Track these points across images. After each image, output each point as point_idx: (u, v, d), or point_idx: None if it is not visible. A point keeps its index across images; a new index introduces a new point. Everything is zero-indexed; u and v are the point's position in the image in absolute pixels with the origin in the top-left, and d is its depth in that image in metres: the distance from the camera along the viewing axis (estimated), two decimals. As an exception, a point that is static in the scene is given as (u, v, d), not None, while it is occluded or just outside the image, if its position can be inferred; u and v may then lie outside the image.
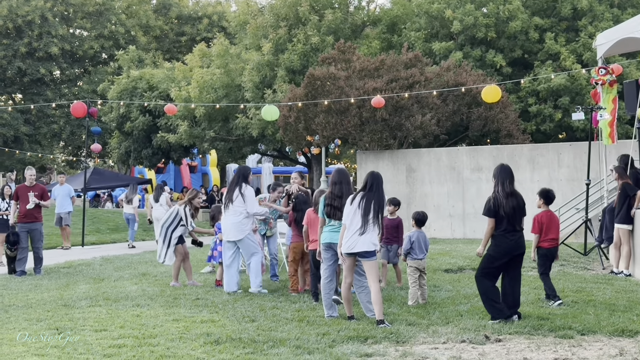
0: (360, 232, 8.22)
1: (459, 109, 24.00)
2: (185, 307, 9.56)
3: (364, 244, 8.19)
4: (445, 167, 22.31)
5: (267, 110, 19.93)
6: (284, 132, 24.40)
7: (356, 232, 8.24)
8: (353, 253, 8.29)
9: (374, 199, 8.26)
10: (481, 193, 21.40)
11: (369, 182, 8.40)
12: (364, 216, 8.21)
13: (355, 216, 8.27)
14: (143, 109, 31.93)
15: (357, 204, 8.29)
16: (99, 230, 24.94)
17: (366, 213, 8.22)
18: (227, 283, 10.94)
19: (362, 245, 8.20)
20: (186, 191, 39.53)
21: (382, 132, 22.71)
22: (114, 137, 36.97)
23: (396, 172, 22.88)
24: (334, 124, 22.78)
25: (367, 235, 8.20)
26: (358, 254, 8.26)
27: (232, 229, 10.90)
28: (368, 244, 8.19)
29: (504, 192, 8.41)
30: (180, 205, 11.80)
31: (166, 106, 23.01)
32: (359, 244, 8.21)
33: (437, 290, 11.01)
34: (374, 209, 8.21)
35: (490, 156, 21.71)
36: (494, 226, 8.42)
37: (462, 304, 9.59)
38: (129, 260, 16.07)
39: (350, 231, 8.28)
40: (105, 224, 26.30)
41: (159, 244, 11.82)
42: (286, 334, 7.66)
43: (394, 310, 9.22)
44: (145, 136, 32.85)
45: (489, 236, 8.47)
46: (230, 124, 28.55)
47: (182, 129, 28.81)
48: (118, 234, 24.36)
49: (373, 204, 8.23)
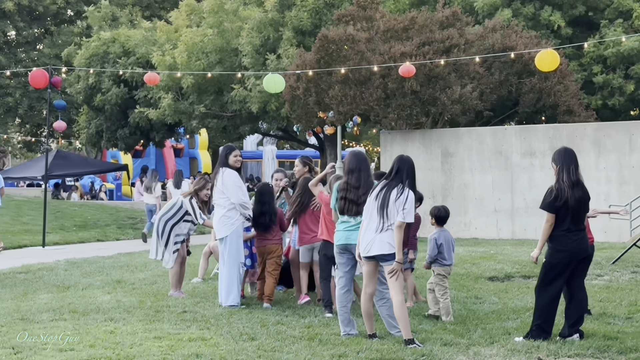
0: (376, 229, 8.20)
1: (507, 79, 23.88)
2: (170, 321, 9.56)
3: (381, 245, 8.18)
4: (490, 151, 22.25)
5: (270, 80, 19.90)
6: (290, 108, 24.35)
7: (373, 230, 8.23)
8: (370, 256, 8.29)
9: (396, 187, 8.21)
10: (534, 183, 21.34)
11: (395, 167, 8.36)
12: (381, 209, 8.19)
13: (373, 210, 8.26)
14: (117, 79, 31.98)
15: (376, 195, 8.28)
16: (63, 228, 25.03)
17: (384, 205, 8.19)
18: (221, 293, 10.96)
19: (378, 247, 8.19)
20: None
21: (412, 107, 22.65)
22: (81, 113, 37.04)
23: (429, 157, 22.83)
24: (352, 97, 22.73)
25: (386, 233, 8.18)
26: (376, 257, 8.24)
27: (217, 224, 10.96)
28: (385, 245, 8.17)
29: (569, 181, 8.35)
30: (185, 197, 11.81)
31: (146, 75, 23.02)
32: (375, 245, 8.20)
33: (479, 302, 10.97)
34: (396, 200, 8.14)
35: (546, 137, 21.63)
36: (554, 223, 8.38)
37: (510, 320, 9.55)
38: (100, 264, 16.09)
39: (367, 229, 8.28)
40: (71, 220, 26.41)
41: (154, 239, 11.84)
42: (293, 356, 7.65)
43: (426, 326, 9.20)
44: (120, 112, 32.90)
45: (547, 236, 8.43)
46: (224, 97, 28.54)
47: (166, 103, 28.84)
48: (87, 231, 24.45)
49: (395, 194, 8.17)
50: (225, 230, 10.83)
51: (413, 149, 22.47)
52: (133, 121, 31.91)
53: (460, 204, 22.40)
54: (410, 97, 22.50)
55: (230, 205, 10.77)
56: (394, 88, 22.38)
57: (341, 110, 23.06)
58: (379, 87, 22.46)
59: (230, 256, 10.83)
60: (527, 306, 10.42)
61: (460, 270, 14.47)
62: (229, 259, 10.83)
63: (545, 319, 8.41)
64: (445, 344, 8.25)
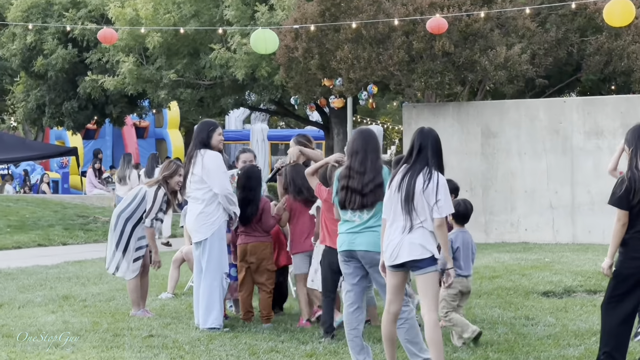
0: (403, 230, 8.17)
1: (566, 37, 23.87)
2: (132, 348, 9.58)
3: (411, 249, 8.12)
4: (544, 130, 22.24)
5: (259, 37, 19.88)
6: (286, 74, 24.32)
7: (398, 231, 8.19)
8: (398, 265, 8.26)
9: (421, 173, 8.16)
10: (601, 171, 21.24)
11: (415, 145, 8.28)
12: (406, 204, 8.15)
13: (396, 205, 8.22)
14: (64, 37, 31.95)
15: (397, 186, 8.25)
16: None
17: (409, 198, 8.13)
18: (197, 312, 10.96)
19: (407, 251, 8.12)
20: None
21: (444, 73, 22.62)
22: (18, 81, 37.01)
23: (465, 137, 22.83)
24: (366, 60, 22.71)
25: (416, 233, 8.13)
26: (405, 265, 8.19)
27: (193, 224, 10.91)
28: (417, 248, 8.12)
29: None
30: (150, 186, 11.77)
31: (100, 32, 22.98)
32: (404, 250, 8.13)
33: (530, 324, 10.97)
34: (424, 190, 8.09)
35: (616, 112, 21.62)
36: (628, 223, 8.35)
37: (572, 346, 9.56)
38: (41, 276, 16.10)
39: (391, 230, 8.23)
40: (5, 219, 26.42)
41: (110, 245, 11.82)
42: (291, 392, 7.67)
43: (463, 355, 9.21)
44: (67, 80, 32.88)
45: (619, 240, 8.40)
46: (201, 60, 28.51)
47: (126, 68, 28.81)
48: (24, 234, 24.48)
49: (421, 182, 8.11)
50: (205, 232, 10.80)
51: (445, 127, 22.45)
52: (84, 92, 31.86)
53: (506, 198, 22.38)
54: (441, 60, 22.47)
55: (211, 198, 10.73)
56: (420, 49, 22.35)
57: (352, 77, 23.02)
58: (401, 47, 22.43)
59: (211, 265, 10.81)
60: (593, 329, 10.41)
61: (505, 283, 14.48)
62: (208, 269, 10.81)
63: (615, 345, 8.39)
64: (487, 377, 8.26)
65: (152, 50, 28.52)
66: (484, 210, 22.47)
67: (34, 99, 34.21)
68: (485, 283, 14.52)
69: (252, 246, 11.10)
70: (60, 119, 34.30)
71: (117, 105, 33.36)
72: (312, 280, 10.82)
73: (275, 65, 25.52)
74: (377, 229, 8.59)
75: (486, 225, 22.50)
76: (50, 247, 22.93)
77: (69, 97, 33.33)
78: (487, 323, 11.09)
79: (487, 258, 18.02)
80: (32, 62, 32.64)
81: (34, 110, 34.54)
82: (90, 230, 25.40)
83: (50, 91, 33.60)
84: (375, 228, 8.62)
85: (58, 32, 31.75)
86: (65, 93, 33.39)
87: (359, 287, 8.84)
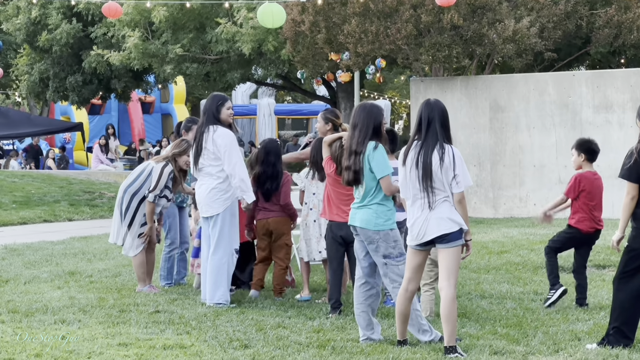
0: (423, 207, 8.17)
1: (576, 9, 23.75)
2: (139, 324, 9.59)
3: (439, 223, 8.13)
4: (553, 104, 22.19)
5: (266, 11, 19.81)
6: (293, 48, 24.26)
7: (418, 209, 8.20)
8: (426, 243, 8.25)
9: (435, 148, 8.14)
10: (611, 145, 21.21)
11: (424, 118, 8.25)
12: (424, 182, 8.14)
13: (414, 184, 8.21)
14: (68, 11, 31.89)
15: (414, 163, 8.21)
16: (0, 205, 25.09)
17: (427, 176, 8.13)
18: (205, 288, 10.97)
19: (436, 226, 8.13)
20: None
21: (452, 47, 22.55)
22: (22, 55, 36.98)
23: (474, 111, 22.78)
24: (373, 33, 22.64)
25: (441, 207, 8.14)
26: (433, 242, 8.22)
27: (204, 199, 10.90)
28: (445, 222, 8.13)
29: (656, 142, 8.33)
30: (158, 162, 11.74)
31: (105, 6, 22.92)
32: (432, 226, 8.14)
33: (539, 298, 11.00)
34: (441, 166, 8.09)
35: (626, 86, 21.54)
36: (636, 196, 8.34)
37: (580, 322, 9.57)
38: (47, 252, 16.13)
39: (414, 210, 8.25)
40: (10, 195, 26.45)
41: (115, 219, 11.83)
42: (299, 368, 7.68)
43: (471, 329, 9.21)
44: (71, 55, 32.84)
45: (629, 214, 8.39)
46: (207, 34, 28.45)
47: (131, 43, 28.75)
48: (30, 209, 24.51)
49: (437, 158, 8.10)
50: (217, 207, 10.77)
51: (453, 101, 22.41)
52: (88, 66, 31.82)
53: (515, 172, 22.35)
54: (449, 33, 22.39)
55: (225, 175, 10.71)
56: (428, 22, 22.27)
57: (359, 51, 22.95)
58: (409, 20, 22.35)
59: (222, 241, 10.80)
60: (603, 304, 10.43)
61: (514, 258, 14.49)
62: (219, 245, 10.80)
63: (625, 320, 8.39)
64: (496, 352, 8.27)
65: (158, 25, 28.45)
66: (493, 185, 22.46)
67: (38, 72, 34.17)
68: (494, 258, 14.52)
69: (273, 221, 11.23)
70: (64, 93, 34.28)
71: (122, 79, 33.32)
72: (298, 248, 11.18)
73: (281, 39, 25.47)
74: (372, 206, 8.64)
75: (495, 200, 22.49)
76: (56, 222, 22.95)
77: (73, 71, 33.31)
78: (496, 298, 11.11)
79: (496, 233, 18.02)
80: (37, 37, 32.60)
81: (37, 84, 34.51)
82: (96, 206, 25.42)
83: (54, 65, 33.56)
84: (371, 206, 8.65)
85: (63, 7, 31.69)
86: (69, 67, 33.36)
87: (366, 262, 8.85)
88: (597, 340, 8.49)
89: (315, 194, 11.12)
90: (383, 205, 8.62)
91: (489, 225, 19.96)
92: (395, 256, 8.61)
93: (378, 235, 8.58)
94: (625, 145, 10.40)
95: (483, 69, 23.93)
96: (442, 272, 8.22)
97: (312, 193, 11.18)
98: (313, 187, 11.16)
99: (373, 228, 8.59)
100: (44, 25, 32.29)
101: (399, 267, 8.60)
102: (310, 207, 11.17)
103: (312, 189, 11.18)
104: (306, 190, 11.24)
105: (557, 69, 24.83)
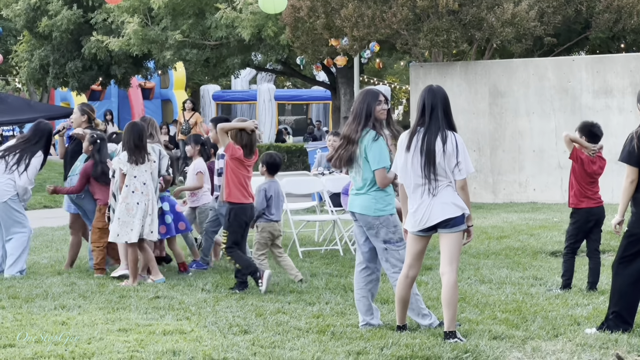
0: (424, 193, 8.19)
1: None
2: (139, 310, 9.62)
3: (443, 208, 8.15)
4: (553, 89, 22.17)
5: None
6: (292, 33, 24.21)
7: (419, 195, 8.21)
8: (429, 228, 8.28)
9: (439, 135, 8.15)
10: (611, 130, 21.15)
11: (426, 104, 8.26)
12: (427, 169, 8.15)
13: (416, 170, 8.21)
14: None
15: (418, 149, 8.21)
16: (0, 190, 25.11)
17: (430, 163, 8.14)
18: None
19: (440, 211, 8.15)
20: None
21: (450, 31, 22.49)
22: (21, 42, 36.93)
23: (473, 97, 22.76)
24: (370, 18, 22.59)
25: (443, 193, 8.16)
26: (436, 227, 8.24)
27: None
28: (449, 207, 8.16)
29: (657, 126, 8.33)
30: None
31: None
32: (436, 211, 8.16)
33: (538, 284, 11.01)
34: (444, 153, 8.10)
35: (626, 71, 21.50)
36: (636, 180, 8.34)
37: (580, 306, 9.58)
38: (47, 238, 16.16)
39: (416, 196, 8.25)
40: (10, 181, 26.46)
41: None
42: (298, 353, 7.68)
43: (470, 314, 9.23)
44: (71, 41, 32.78)
45: (628, 198, 8.40)
46: (206, 20, 28.40)
47: (131, 29, 28.70)
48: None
49: (440, 145, 8.11)
50: None
51: (452, 87, 22.39)
52: (88, 52, 31.77)
53: (514, 158, 22.35)
54: (447, 18, 22.33)
55: None
56: (425, 6, 22.20)
57: (356, 35, 22.90)
58: (406, 4, 22.29)
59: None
60: (602, 289, 10.44)
61: (513, 242, 14.50)
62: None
63: (625, 305, 8.41)
64: (495, 337, 8.29)
65: (157, 11, 28.39)
66: (492, 170, 22.47)
67: (38, 58, 34.11)
68: (494, 243, 14.53)
69: None
70: (64, 79, 34.23)
71: (121, 65, 33.27)
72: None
73: (281, 25, 25.41)
74: (371, 193, 8.66)
75: (494, 186, 22.49)
76: (56, 208, 22.93)
77: (73, 57, 33.24)
78: (495, 283, 11.12)
79: (495, 218, 18.03)
80: (37, 23, 32.54)
81: (37, 70, 34.46)
82: (96, 191, 25.43)
83: (54, 51, 33.50)
84: (370, 192, 8.67)
85: (62, -8, 31.62)
86: (69, 53, 33.30)
87: (366, 247, 8.86)
88: (596, 325, 8.52)
89: (137, 177, 11.51)
90: (382, 191, 8.64)
91: (489, 210, 19.97)
92: (396, 241, 8.63)
93: (378, 221, 8.60)
94: (625, 130, 10.41)
95: (483, 54, 23.88)
96: (444, 257, 8.25)
97: (134, 176, 11.52)
98: (135, 170, 11.51)
99: (373, 214, 8.61)
100: (44, 12, 32.23)
101: (400, 252, 8.62)
102: (132, 189, 11.46)
103: (133, 172, 11.51)
104: (128, 173, 11.54)
105: (557, 54, 24.79)
